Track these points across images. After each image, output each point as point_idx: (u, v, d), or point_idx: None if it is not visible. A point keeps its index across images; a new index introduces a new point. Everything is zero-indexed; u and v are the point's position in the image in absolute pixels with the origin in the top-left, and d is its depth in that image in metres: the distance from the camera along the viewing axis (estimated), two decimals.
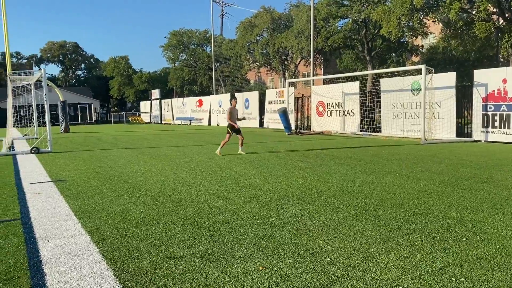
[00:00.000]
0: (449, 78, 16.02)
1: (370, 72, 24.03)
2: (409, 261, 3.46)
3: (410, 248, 3.75)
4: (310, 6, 27.36)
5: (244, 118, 12.70)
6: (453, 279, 3.10)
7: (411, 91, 17.24)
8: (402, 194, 6.02)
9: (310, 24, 27.35)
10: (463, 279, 3.10)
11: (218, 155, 11.38)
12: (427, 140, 14.86)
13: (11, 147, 14.68)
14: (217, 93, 41.87)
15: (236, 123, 11.75)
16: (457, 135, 16.18)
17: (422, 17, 23.84)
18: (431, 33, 29.05)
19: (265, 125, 27.96)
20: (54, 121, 33.43)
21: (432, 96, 15.95)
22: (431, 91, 15.84)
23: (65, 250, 3.85)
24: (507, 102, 14.08)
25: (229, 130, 11.85)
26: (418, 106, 16.61)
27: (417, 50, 33.51)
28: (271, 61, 40.26)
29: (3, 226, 4.70)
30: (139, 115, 52.17)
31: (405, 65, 32.34)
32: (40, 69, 54.51)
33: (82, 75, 77.38)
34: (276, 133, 21.93)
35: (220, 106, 34.10)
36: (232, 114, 11.79)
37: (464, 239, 3.99)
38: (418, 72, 17.46)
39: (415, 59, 35.41)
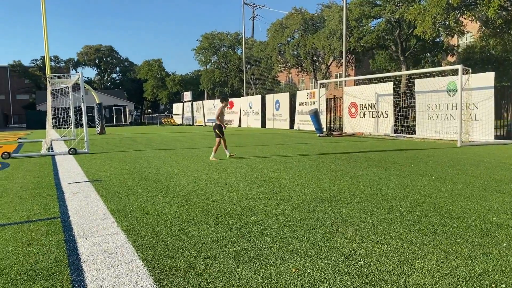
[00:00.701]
0: (487, 78, 15.50)
1: (404, 72, 23.56)
2: (446, 266, 3.37)
3: (447, 253, 3.65)
4: (342, 7, 27.09)
5: (226, 125, 11.59)
6: (493, 285, 3.00)
7: (447, 92, 16.79)
8: (438, 197, 5.88)
9: (343, 24, 27.08)
10: (503, 286, 2.99)
11: (213, 161, 10.55)
12: (464, 142, 14.44)
13: (50, 148, 15.23)
14: (247, 95, 42.06)
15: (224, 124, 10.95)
16: (496, 137, 15.64)
17: (458, 15, 23.20)
18: (468, 32, 28.23)
19: (295, 127, 27.87)
20: (91, 123, 34.40)
21: (469, 97, 15.49)
22: (468, 91, 15.39)
23: (103, 248, 3.96)
24: None
25: (218, 132, 10.86)
26: (454, 107, 16.17)
27: (453, 49, 32.63)
28: (302, 62, 40.12)
29: (44, 224, 4.88)
30: (172, 117, 53.01)
31: (440, 65, 31.54)
32: (77, 72, 56.30)
33: (117, 78, 79.43)
34: (307, 134, 21.82)
35: (250, 108, 34.23)
36: (222, 115, 11.00)
37: (505, 244, 3.85)
38: (454, 72, 16.99)
39: (451, 59, 34.48)
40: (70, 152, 13.17)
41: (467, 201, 5.60)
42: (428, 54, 33.59)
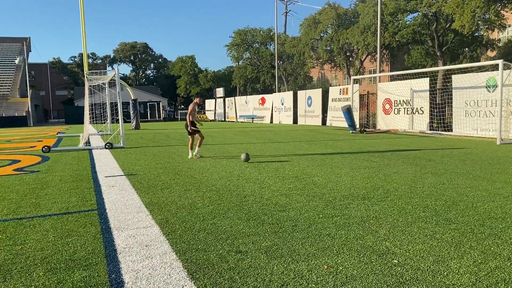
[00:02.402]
0: None
1: (441, 68, 22.88)
2: (484, 267, 3.27)
3: (485, 254, 3.54)
4: (377, 1, 26.57)
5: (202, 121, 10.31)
6: None
7: (486, 88, 16.21)
8: (476, 196, 5.70)
9: (377, 19, 26.56)
10: None
11: (193, 158, 10.33)
12: (504, 140, 13.92)
13: (88, 142, 15.69)
14: (279, 91, 41.95)
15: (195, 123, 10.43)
16: None
17: (499, 8, 22.30)
18: (509, 26, 27.10)
19: (328, 123, 27.60)
20: (126, 118, 35.22)
21: (509, 93, 14.90)
22: (508, 87, 14.80)
23: (138, 240, 4.06)
24: None
25: (192, 130, 10.36)
26: (494, 104, 15.60)
27: (493, 44, 31.41)
28: (335, 58, 39.61)
29: (82, 215, 5.04)
30: (204, 112, 53.56)
31: (479, 61, 30.48)
32: (113, 69, 57.67)
33: (151, 74, 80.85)
34: (339, 131, 21.58)
35: (282, 104, 34.13)
36: (194, 111, 10.47)
37: None
38: (494, 67, 16.36)
39: (490, 53, 33.23)
40: (107, 146, 13.53)
41: (507, 201, 5.40)
42: (467, 49, 32.48)
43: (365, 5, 33.56)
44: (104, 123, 20.81)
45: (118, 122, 14.65)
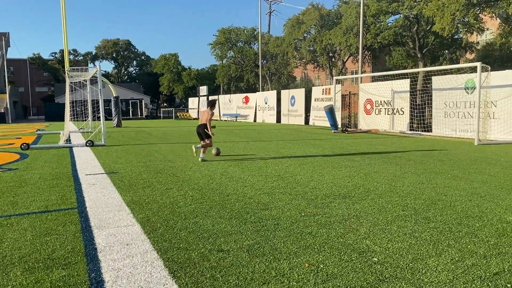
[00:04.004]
0: (507, 76, 15.22)
1: (421, 69, 23.23)
2: (461, 265, 3.35)
3: (462, 252, 3.62)
4: (360, 2, 26.82)
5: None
6: (509, 285, 2.97)
7: (465, 89, 16.54)
8: (454, 196, 5.81)
9: (360, 20, 26.83)
10: None
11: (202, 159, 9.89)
12: (481, 141, 14.22)
13: (68, 140, 15.46)
14: (263, 90, 42.02)
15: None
16: None
17: (478, 12, 22.76)
18: (487, 29, 27.69)
19: (310, 123, 27.77)
20: (108, 116, 34.81)
21: (487, 95, 15.23)
22: (486, 89, 15.13)
23: (118, 239, 4.02)
24: None
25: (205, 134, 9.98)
26: (472, 105, 15.92)
27: (472, 47, 32.06)
28: (318, 58, 39.88)
29: (62, 214, 4.97)
30: (187, 111, 53.28)
31: (458, 63, 31.07)
32: (95, 65, 56.88)
33: (134, 71, 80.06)
34: (322, 130, 21.73)
35: (266, 103, 34.19)
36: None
37: None
38: (473, 70, 16.70)
39: (469, 56, 33.90)
40: (88, 144, 13.35)
41: (484, 200, 5.53)
42: (446, 51, 33.05)
43: (348, 6, 33.86)
44: (85, 120, 20.52)
45: (100, 120, 14.47)
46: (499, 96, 15.23)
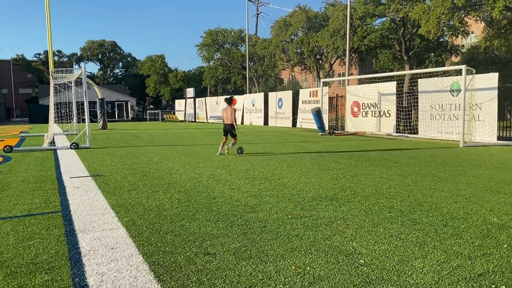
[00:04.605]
0: (491, 79, 15.45)
1: (407, 72, 23.47)
2: (447, 266, 3.36)
3: (448, 253, 3.65)
4: (347, 5, 27.01)
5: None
6: (493, 286, 3.00)
7: (450, 92, 16.74)
8: (440, 197, 5.86)
9: (346, 23, 27.01)
10: (503, 286, 2.99)
11: (221, 154, 11.17)
12: (466, 143, 14.40)
13: (52, 142, 15.25)
14: (250, 92, 42.04)
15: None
16: (499, 138, 15.59)
17: (463, 15, 23.08)
18: (472, 33, 28.10)
19: (298, 125, 27.83)
20: (93, 118, 34.45)
21: (472, 98, 15.44)
22: (471, 92, 15.34)
23: (103, 242, 3.96)
24: None
25: (232, 132, 11.34)
26: (458, 108, 16.12)
27: (457, 50, 32.51)
28: (305, 61, 40.03)
29: (45, 217, 4.88)
30: (174, 113, 53.03)
31: (444, 65, 31.47)
32: (80, 67, 56.32)
33: (120, 73, 79.48)
34: (309, 133, 21.80)
35: (253, 105, 34.19)
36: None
37: (505, 245, 3.84)
38: (458, 72, 16.93)
39: (454, 59, 34.36)
40: (72, 146, 13.18)
41: (469, 202, 5.58)
42: (432, 54, 33.47)
43: (335, 9, 34.09)
44: (70, 122, 20.27)
45: (85, 122, 14.30)
46: (484, 98, 15.44)
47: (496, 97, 15.20)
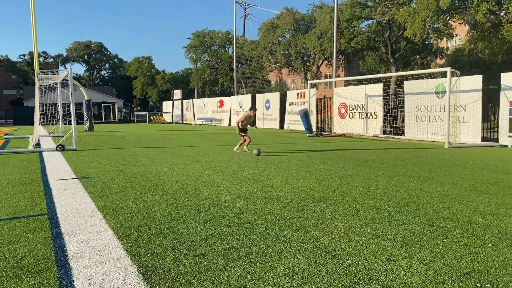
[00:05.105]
0: (475, 81, 15.70)
1: (393, 74, 23.71)
2: (433, 265, 3.41)
3: (434, 253, 3.70)
4: (334, 7, 27.20)
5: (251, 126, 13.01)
6: (478, 285, 3.04)
7: (436, 94, 16.96)
8: (426, 198, 5.94)
9: (333, 25, 27.19)
10: (488, 285, 3.04)
11: (247, 152, 11.94)
12: (452, 144, 14.60)
13: (38, 144, 15.06)
14: (238, 94, 42.04)
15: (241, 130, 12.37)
16: (483, 140, 15.85)
17: (448, 18, 23.42)
18: (457, 35, 28.53)
19: (285, 127, 27.92)
20: (79, 119, 34.13)
21: (457, 99, 15.66)
22: (456, 94, 15.56)
23: (90, 245, 3.93)
24: None
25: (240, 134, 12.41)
26: (443, 109, 16.34)
27: (442, 52, 32.96)
28: (292, 62, 40.20)
29: (31, 220, 4.82)
30: (161, 114, 52.78)
31: (429, 68, 31.85)
32: (66, 68, 55.67)
33: (106, 74, 78.89)
34: (297, 134, 21.87)
35: (241, 107, 34.19)
36: (247, 120, 12.44)
37: (490, 245, 3.91)
38: (443, 74, 17.17)
39: (440, 61, 34.82)
40: (58, 148, 13.04)
41: (454, 202, 5.66)
42: (418, 56, 33.87)
43: (322, 11, 34.30)
44: (55, 124, 20.04)
45: (71, 124, 14.15)
46: (468, 100, 15.68)
47: (480, 98, 15.46)
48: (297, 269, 3.34)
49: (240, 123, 12.28)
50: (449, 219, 4.79)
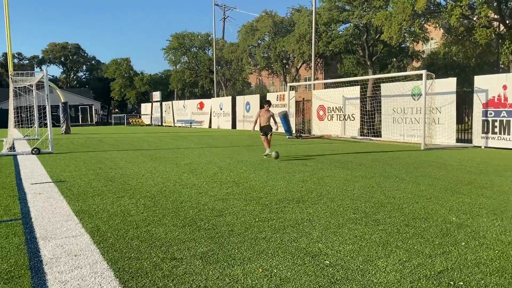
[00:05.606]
0: (450, 83, 16.05)
1: (370, 77, 24.04)
2: (408, 264, 3.47)
3: (409, 252, 3.76)
4: (312, 11, 27.45)
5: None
6: (452, 283, 3.11)
7: (412, 96, 17.27)
8: (402, 198, 6.04)
9: (312, 28, 27.43)
10: (461, 283, 3.11)
11: (268, 157, 11.39)
12: (427, 145, 14.88)
13: (12, 148, 14.71)
14: (218, 96, 41.95)
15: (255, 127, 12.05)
16: (457, 141, 16.21)
17: (423, 22, 23.89)
18: (432, 39, 29.12)
19: None
20: (55, 122, 33.48)
21: (432, 102, 15.98)
22: (431, 96, 15.87)
23: (66, 250, 3.87)
24: (507, 108, 14.11)
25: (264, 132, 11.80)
26: (419, 111, 16.65)
27: (418, 55, 33.59)
28: (272, 65, 40.34)
29: (4, 226, 4.71)
30: (140, 117, 52.24)
31: (406, 70, 32.41)
32: (41, 70, 54.52)
33: (84, 76, 77.67)
34: (276, 136, 21.93)
35: (221, 109, 34.12)
36: (263, 118, 11.80)
37: (463, 243, 4.01)
38: (419, 77, 17.50)
39: (416, 64, 35.48)
40: (33, 152, 12.77)
41: (429, 202, 5.78)
42: (394, 59, 34.42)
43: (301, 14, 34.55)
44: (31, 127, 19.61)
45: (47, 126, 13.87)
46: (443, 102, 16.02)
47: (455, 101, 15.81)
48: (275, 271, 3.35)
49: (258, 123, 11.84)
50: (424, 219, 4.89)
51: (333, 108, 21.84)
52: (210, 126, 35.70)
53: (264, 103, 12.22)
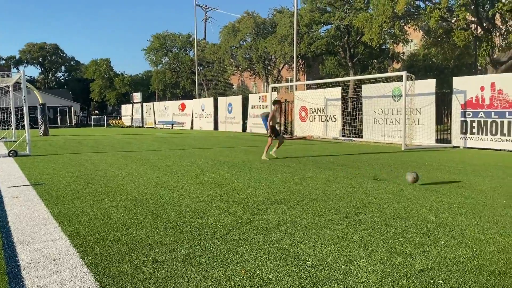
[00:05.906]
0: (429, 85, 16.32)
1: (352, 78, 24.29)
2: (389, 264, 3.51)
3: (390, 252, 3.80)
4: (293, 12, 27.57)
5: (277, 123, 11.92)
6: (432, 281, 3.16)
7: (392, 97, 17.50)
8: (383, 198, 6.10)
9: (293, 30, 27.55)
10: (441, 281, 3.16)
11: (265, 159, 11.21)
12: (408, 146, 15.09)
13: None
14: (200, 97, 41.77)
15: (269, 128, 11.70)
16: (437, 141, 16.48)
17: (403, 24, 24.25)
18: (412, 41, 29.60)
19: (248, 130, 27.98)
20: (33, 124, 32.85)
21: (412, 103, 16.21)
22: (411, 97, 16.11)
23: (45, 254, 3.79)
24: (485, 109, 14.42)
25: (270, 134, 11.65)
26: (399, 112, 16.87)
27: (398, 57, 34.05)
28: (254, 66, 40.36)
29: None
30: (120, 118, 51.66)
31: (386, 72, 32.81)
32: (18, 70, 53.53)
33: (62, 77, 76.42)
34: (259, 137, 21.96)
35: (203, 110, 33.99)
36: (274, 118, 11.78)
37: (443, 242, 4.07)
38: (399, 78, 17.74)
39: (396, 65, 35.97)
40: (10, 154, 12.50)
41: (410, 202, 5.85)
42: (375, 60, 34.83)
43: (282, 15, 34.68)
44: (7, 129, 19.20)
45: (24, 128, 13.60)
46: (423, 103, 16.27)
47: (434, 102, 16.08)
48: (258, 272, 3.35)
49: (271, 121, 11.69)
50: (405, 219, 4.95)
51: (315, 109, 21.97)
52: (192, 128, 35.53)
53: (274, 103, 12.12)
